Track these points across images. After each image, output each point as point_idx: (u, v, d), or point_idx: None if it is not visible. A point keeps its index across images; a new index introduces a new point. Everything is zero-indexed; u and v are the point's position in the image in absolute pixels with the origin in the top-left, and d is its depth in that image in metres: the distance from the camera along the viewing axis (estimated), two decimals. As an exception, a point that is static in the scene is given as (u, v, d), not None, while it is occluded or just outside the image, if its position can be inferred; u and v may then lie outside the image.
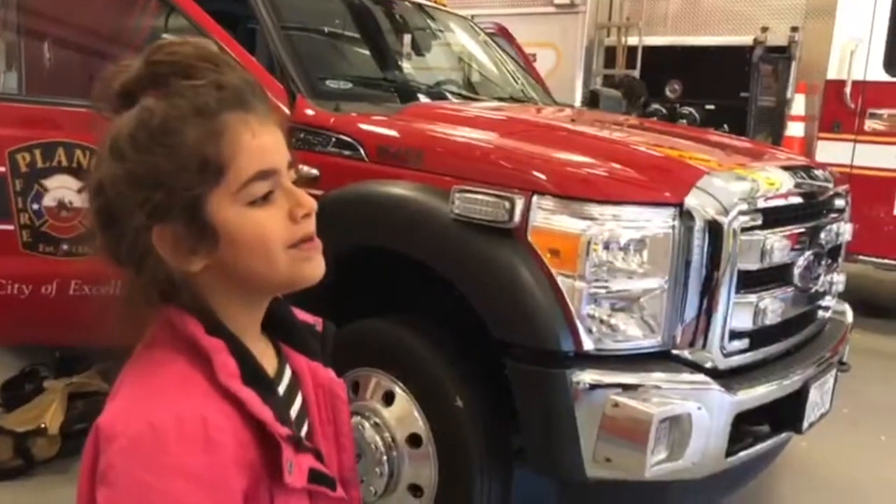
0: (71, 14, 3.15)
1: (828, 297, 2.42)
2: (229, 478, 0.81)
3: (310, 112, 2.34)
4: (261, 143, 0.86)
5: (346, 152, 2.21)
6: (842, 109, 4.76)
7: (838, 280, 2.46)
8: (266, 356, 0.96)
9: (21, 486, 2.59)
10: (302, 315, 1.08)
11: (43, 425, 2.70)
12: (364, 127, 2.26)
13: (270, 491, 0.86)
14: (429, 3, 3.64)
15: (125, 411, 0.81)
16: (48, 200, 2.43)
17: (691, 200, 1.87)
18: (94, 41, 3.11)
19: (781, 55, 5.77)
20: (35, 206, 2.41)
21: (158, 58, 0.84)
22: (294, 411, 0.98)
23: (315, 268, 0.91)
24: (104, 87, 0.87)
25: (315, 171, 2.22)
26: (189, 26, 2.52)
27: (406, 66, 3.23)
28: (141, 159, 0.81)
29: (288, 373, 1.00)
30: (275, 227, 0.87)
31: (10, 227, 2.41)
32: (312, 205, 0.90)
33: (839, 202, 2.42)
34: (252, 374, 0.87)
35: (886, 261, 4.87)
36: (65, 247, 2.46)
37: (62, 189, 2.44)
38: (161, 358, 0.85)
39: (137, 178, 0.82)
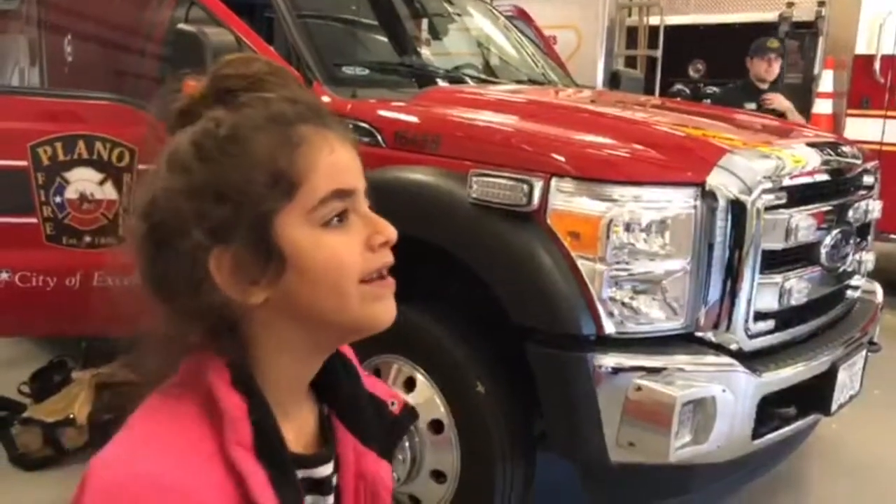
0: (91, 8, 3.18)
1: (857, 277, 2.37)
2: None
3: (326, 99, 2.34)
4: (339, 160, 0.76)
5: (364, 138, 2.20)
6: (871, 85, 4.65)
7: (867, 259, 2.41)
8: (305, 425, 0.84)
9: (50, 475, 2.64)
10: (376, 386, 0.93)
11: (71, 415, 2.74)
12: (381, 113, 2.25)
13: None
14: (446, -13, 3.61)
15: (115, 457, 0.72)
16: (70, 193, 2.45)
17: (713, 179, 1.83)
18: (114, 34, 3.14)
19: (808, 30, 5.64)
20: (57, 199, 2.44)
21: (227, 72, 0.77)
22: (319, 475, 0.83)
23: (388, 311, 0.80)
24: (165, 106, 0.80)
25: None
26: (206, 17, 2.52)
27: (423, 50, 3.22)
28: (205, 169, 0.72)
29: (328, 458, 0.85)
30: (350, 254, 0.76)
31: (34, 221, 2.44)
32: (393, 234, 0.79)
33: (868, 179, 2.37)
34: (269, 447, 0.74)
35: (919, 239, 4.77)
36: (87, 238, 2.49)
37: (83, 181, 2.46)
38: (174, 405, 0.74)
39: (199, 191, 0.71)
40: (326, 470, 0.83)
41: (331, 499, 0.83)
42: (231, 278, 0.73)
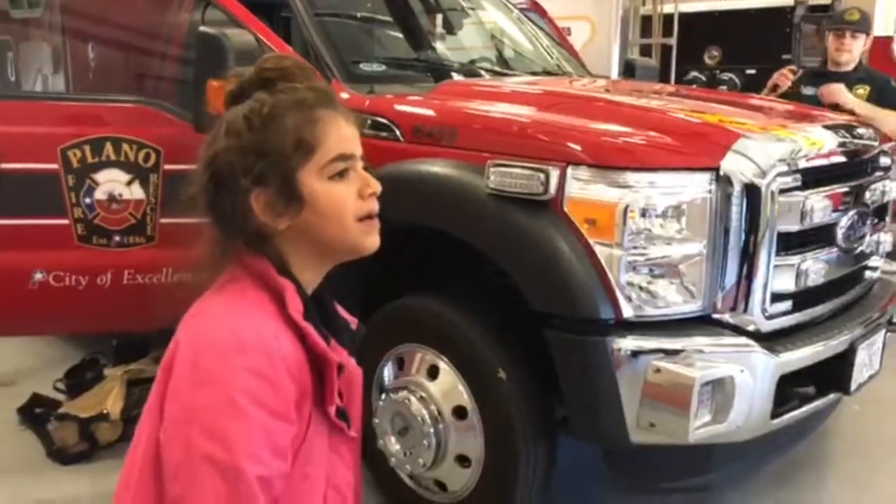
0: (111, 14, 3.25)
1: (875, 258, 2.37)
2: (287, 386, 1.01)
3: (345, 96, 2.38)
4: (345, 133, 1.09)
5: (383, 133, 2.24)
6: (890, 66, 4.61)
7: (885, 239, 2.42)
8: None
9: (86, 469, 2.72)
10: (341, 310, 1.26)
11: (105, 411, 2.81)
12: (398, 108, 2.29)
13: (311, 414, 1.07)
14: (460, -18, 3.63)
15: (210, 324, 1.03)
16: (99, 194, 2.52)
17: (728, 164, 1.86)
18: (135, 39, 3.20)
19: (824, 14, 5.60)
20: (87, 200, 2.51)
21: (267, 66, 1.09)
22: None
23: (374, 241, 1.14)
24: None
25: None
26: (226, 18, 2.58)
27: (438, 45, 3.24)
28: (252, 136, 1.04)
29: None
30: (348, 200, 1.09)
31: (66, 222, 2.51)
32: (378, 186, 1.11)
33: (884, 160, 2.37)
34: (310, 314, 1.07)
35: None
36: (117, 238, 2.55)
37: (112, 182, 2.53)
38: (241, 288, 1.06)
39: (247, 151, 1.04)
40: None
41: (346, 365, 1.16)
42: (265, 210, 1.06)
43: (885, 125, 2.85)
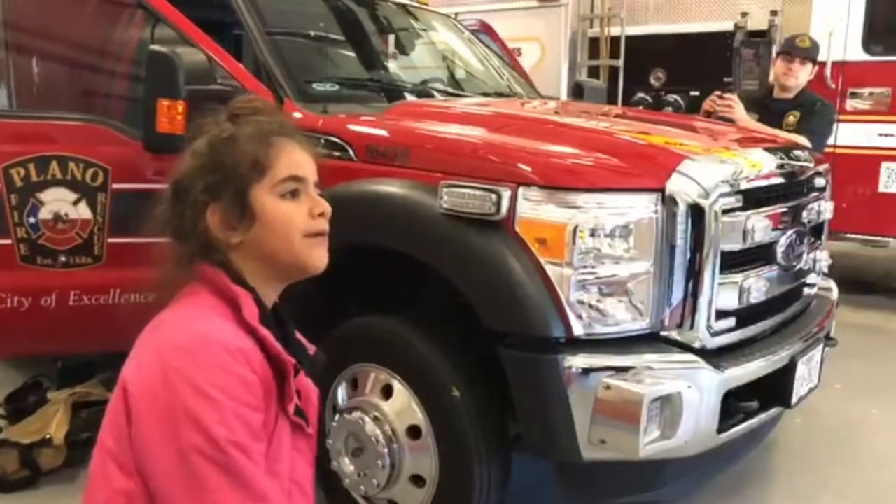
0: (58, 28, 3.18)
1: (812, 275, 2.47)
2: (252, 379, 1.09)
3: (298, 115, 2.38)
4: (298, 158, 1.22)
5: (336, 153, 2.25)
6: (823, 91, 4.81)
7: (822, 257, 2.52)
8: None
9: (29, 497, 2.63)
10: (300, 336, 1.34)
11: (48, 436, 2.73)
12: (352, 127, 2.30)
13: (276, 415, 1.15)
14: (412, 3, 3.68)
15: (172, 330, 1.11)
16: (44, 213, 2.46)
17: (673, 185, 1.91)
18: (83, 55, 3.15)
19: (762, 39, 5.81)
20: (31, 220, 2.44)
21: (237, 105, 1.25)
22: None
23: (321, 257, 1.23)
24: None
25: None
26: (176, 36, 2.55)
27: (391, 65, 3.28)
28: (211, 155, 1.18)
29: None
30: (296, 217, 1.19)
31: (8, 242, 2.44)
32: (327, 208, 1.22)
33: (820, 181, 2.48)
34: (268, 321, 1.17)
35: (872, 238, 4.94)
36: (62, 258, 2.49)
37: (58, 202, 2.46)
38: (198, 298, 1.16)
39: (206, 168, 1.17)
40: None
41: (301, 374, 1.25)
42: (220, 225, 1.17)
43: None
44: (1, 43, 3.44)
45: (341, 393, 2.24)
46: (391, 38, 3.47)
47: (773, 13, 5.75)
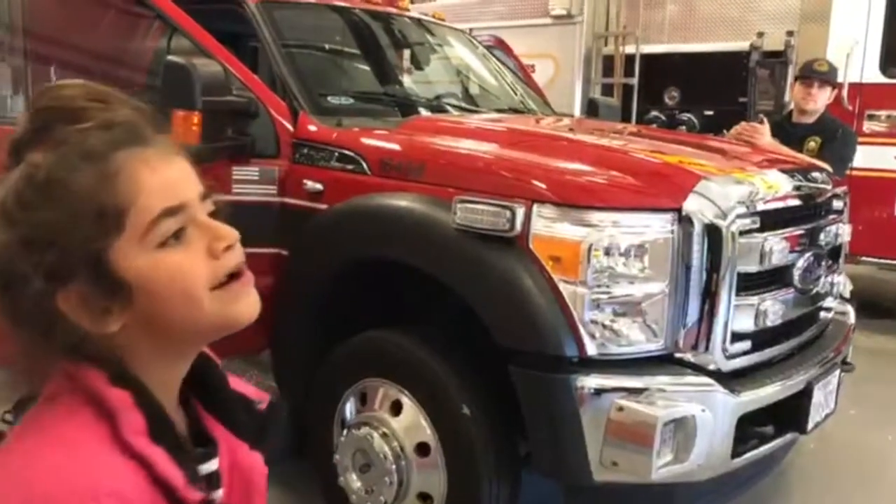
0: (77, 37, 3.21)
1: (829, 299, 2.44)
2: None
3: (312, 128, 2.38)
4: (163, 178, 0.77)
5: (349, 166, 2.24)
6: (840, 112, 4.79)
7: (839, 281, 2.49)
8: (180, 425, 0.86)
9: None
10: (242, 387, 0.95)
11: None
12: (366, 141, 2.30)
13: None
14: (427, 18, 3.69)
15: (11, 477, 0.72)
16: None
17: (690, 205, 1.90)
18: (101, 64, 3.17)
19: (778, 59, 5.80)
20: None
21: (44, 104, 0.78)
22: (207, 469, 0.85)
23: (248, 306, 0.82)
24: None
25: (319, 186, 2.26)
26: (193, 48, 2.56)
27: (406, 80, 3.28)
28: (30, 218, 0.73)
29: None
30: (193, 268, 0.78)
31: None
32: (234, 235, 0.81)
33: (837, 203, 2.45)
34: (161, 429, 0.78)
35: (889, 261, 4.89)
36: None
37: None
38: (59, 414, 0.76)
39: (29, 241, 0.73)
40: (214, 465, 0.86)
41: (220, 492, 0.86)
42: (83, 312, 0.75)
43: None
44: (19, 51, 3.47)
45: (350, 408, 2.22)
46: (406, 52, 3.47)
47: (790, 33, 5.73)
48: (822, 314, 2.42)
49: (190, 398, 0.88)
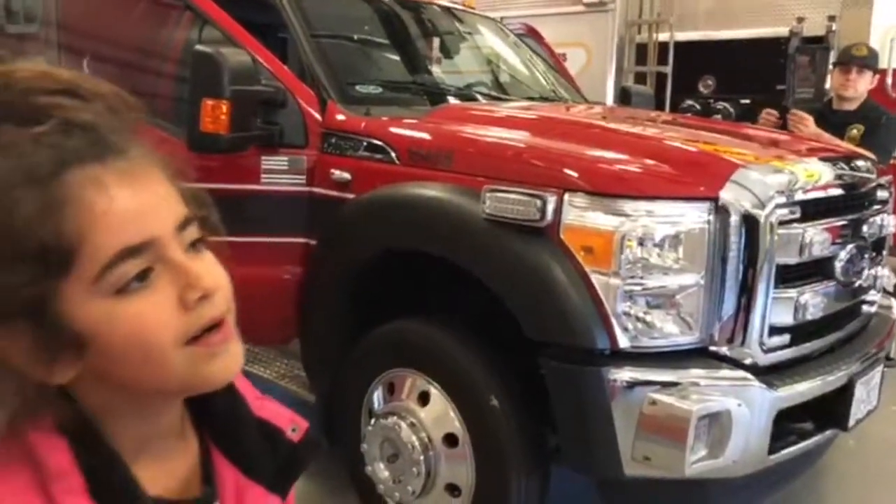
0: (108, 30, 3.23)
1: (872, 292, 2.36)
2: None
3: (341, 117, 2.37)
4: (124, 208, 0.60)
5: (378, 156, 2.22)
6: (883, 99, 4.64)
7: (883, 274, 2.40)
8: (181, 466, 0.72)
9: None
10: (272, 410, 0.79)
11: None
12: (394, 130, 2.28)
13: None
14: (457, 6, 3.65)
15: None
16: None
17: (726, 194, 1.84)
18: (132, 55, 3.18)
19: (819, 45, 5.63)
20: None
21: None
22: None
23: (226, 368, 0.65)
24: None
25: (347, 176, 2.24)
26: (222, 37, 2.56)
27: (435, 68, 3.25)
28: None
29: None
30: (158, 320, 0.61)
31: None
32: (213, 283, 0.64)
33: (882, 193, 2.37)
34: (111, 491, 0.63)
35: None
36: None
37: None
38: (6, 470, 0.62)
39: None
40: None
41: None
42: (27, 361, 0.60)
43: None
44: (54, 45, 3.51)
45: (377, 397, 2.21)
46: (436, 41, 3.44)
47: (831, 18, 5.57)
48: (865, 308, 2.34)
49: (202, 428, 0.74)
